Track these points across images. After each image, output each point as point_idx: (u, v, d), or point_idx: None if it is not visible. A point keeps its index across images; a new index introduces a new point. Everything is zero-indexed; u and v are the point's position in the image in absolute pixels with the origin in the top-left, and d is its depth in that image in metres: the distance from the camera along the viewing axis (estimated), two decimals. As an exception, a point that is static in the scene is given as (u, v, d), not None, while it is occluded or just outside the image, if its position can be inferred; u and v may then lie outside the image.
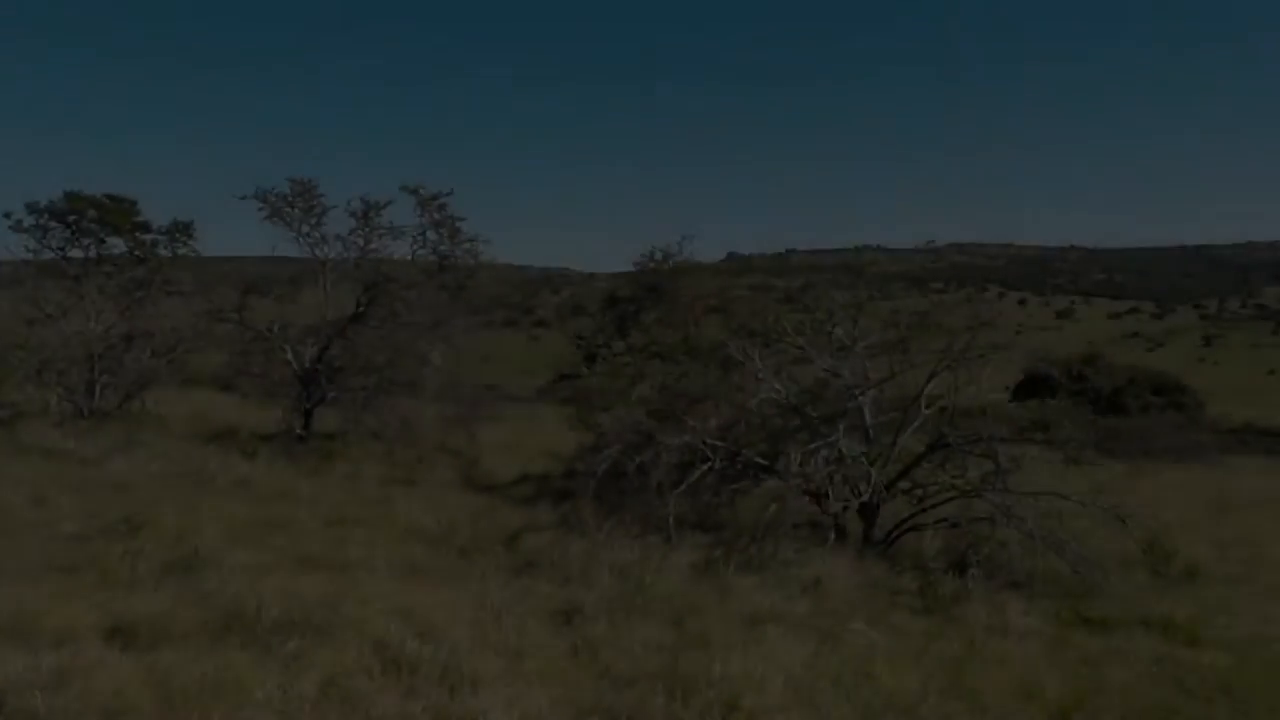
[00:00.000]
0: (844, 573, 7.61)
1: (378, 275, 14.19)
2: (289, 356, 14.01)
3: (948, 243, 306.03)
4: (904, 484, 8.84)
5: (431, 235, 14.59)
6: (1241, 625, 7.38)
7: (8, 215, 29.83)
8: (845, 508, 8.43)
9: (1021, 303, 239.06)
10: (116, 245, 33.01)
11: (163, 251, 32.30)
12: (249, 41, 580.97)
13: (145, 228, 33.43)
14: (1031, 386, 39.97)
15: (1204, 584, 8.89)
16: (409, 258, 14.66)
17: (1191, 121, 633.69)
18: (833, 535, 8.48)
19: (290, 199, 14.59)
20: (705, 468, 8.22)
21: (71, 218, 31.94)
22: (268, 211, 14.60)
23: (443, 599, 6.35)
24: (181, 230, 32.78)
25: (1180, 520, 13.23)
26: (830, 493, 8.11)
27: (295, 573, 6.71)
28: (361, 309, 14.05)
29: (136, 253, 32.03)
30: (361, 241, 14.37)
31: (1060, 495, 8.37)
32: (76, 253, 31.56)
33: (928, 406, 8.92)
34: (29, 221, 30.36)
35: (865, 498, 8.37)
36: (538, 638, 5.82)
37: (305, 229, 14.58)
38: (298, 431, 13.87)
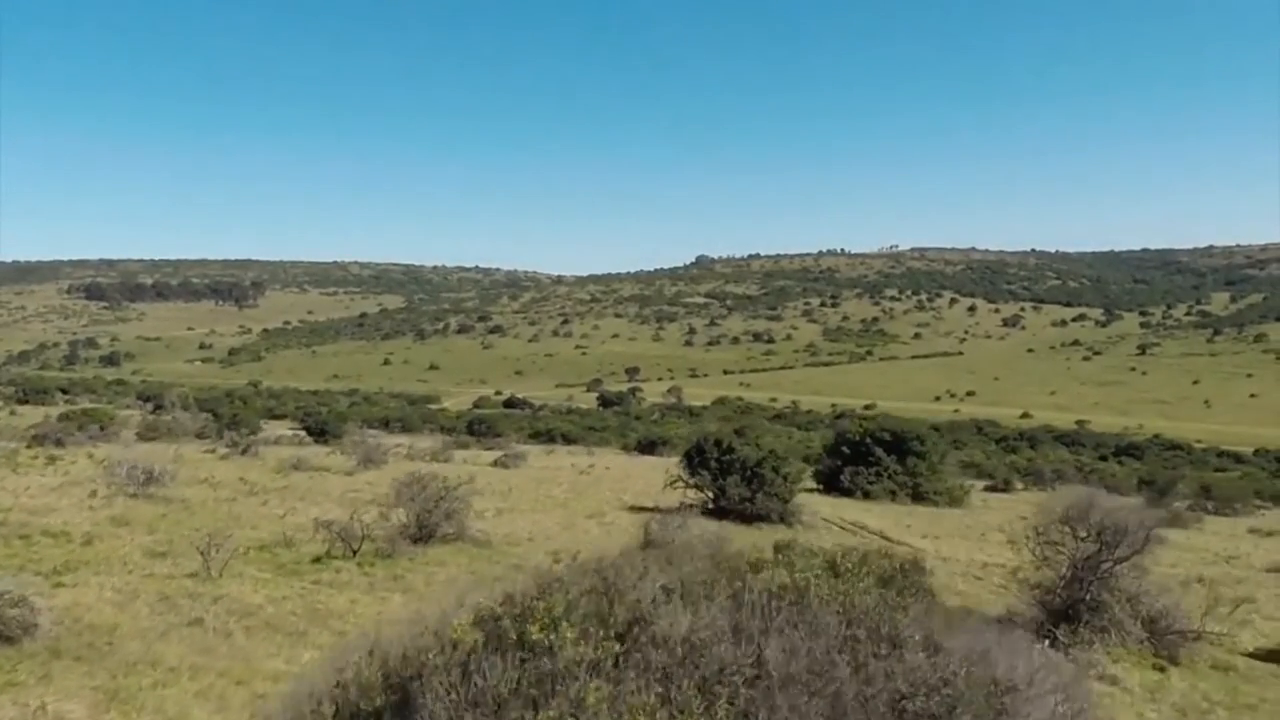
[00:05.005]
0: None
1: None
2: None
3: (910, 247, 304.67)
4: None
5: None
6: None
7: None
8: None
9: (971, 310, 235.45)
10: None
11: None
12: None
13: None
14: (694, 455, 39.21)
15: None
16: None
17: (1156, 126, 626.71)
18: None
19: None
20: None
21: None
22: None
23: None
24: None
25: None
26: None
27: None
28: None
29: None
30: None
31: None
32: None
33: None
34: None
35: None
36: None
37: None
38: None
